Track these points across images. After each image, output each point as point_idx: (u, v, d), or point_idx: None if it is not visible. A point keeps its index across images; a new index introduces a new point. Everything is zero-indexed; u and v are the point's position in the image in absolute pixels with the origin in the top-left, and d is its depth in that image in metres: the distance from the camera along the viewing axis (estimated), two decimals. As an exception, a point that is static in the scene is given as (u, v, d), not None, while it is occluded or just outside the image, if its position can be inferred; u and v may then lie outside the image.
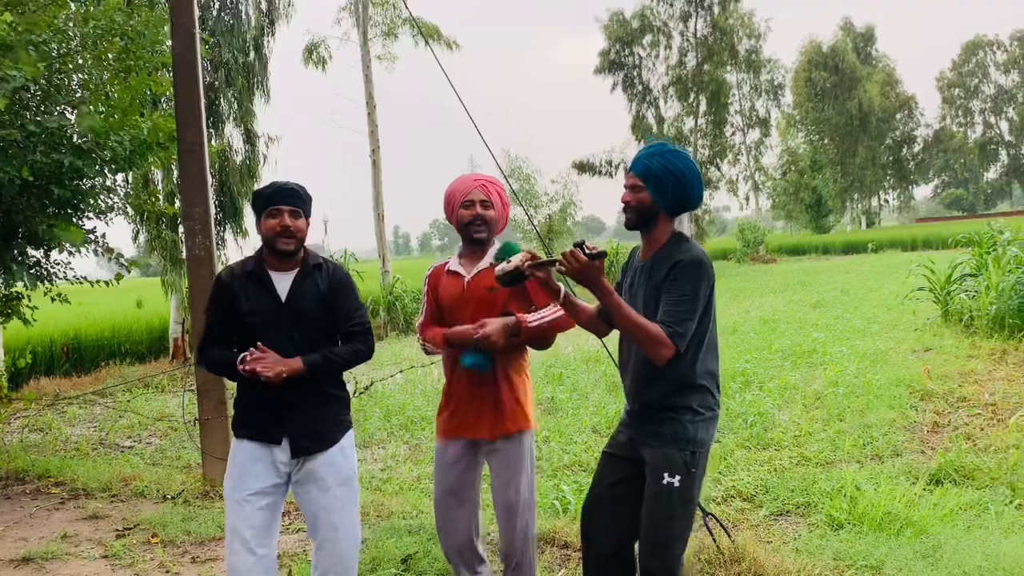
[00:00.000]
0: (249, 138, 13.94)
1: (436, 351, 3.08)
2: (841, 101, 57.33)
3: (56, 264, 6.39)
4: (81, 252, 6.35)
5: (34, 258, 6.21)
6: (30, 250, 6.13)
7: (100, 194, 6.22)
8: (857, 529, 4.00)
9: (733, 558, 3.55)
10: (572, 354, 10.60)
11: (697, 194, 2.61)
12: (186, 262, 5.69)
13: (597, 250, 2.41)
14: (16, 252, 5.94)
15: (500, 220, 3.15)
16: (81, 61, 6.02)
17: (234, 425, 2.92)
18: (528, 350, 3.17)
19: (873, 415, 6.26)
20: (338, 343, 2.94)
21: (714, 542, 3.62)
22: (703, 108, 35.99)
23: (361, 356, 2.93)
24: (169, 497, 5.26)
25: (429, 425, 6.94)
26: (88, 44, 5.94)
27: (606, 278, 2.45)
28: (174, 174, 11.48)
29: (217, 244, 5.77)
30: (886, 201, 69.74)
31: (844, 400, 6.84)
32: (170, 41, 5.67)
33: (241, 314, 2.82)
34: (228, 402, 5.40)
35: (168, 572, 4.05)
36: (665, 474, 2.51)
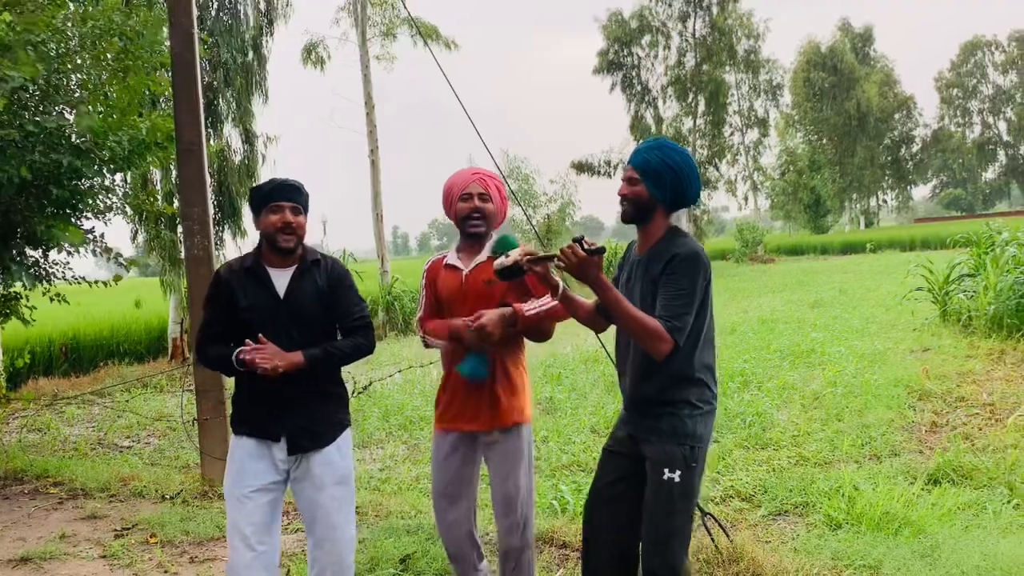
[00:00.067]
0: (248, 138, 13.93)
1: (437, 343, 3.07)
2: (839, 101, 57.36)
3: (55, 264, 6.38)
4: (80, 252, 6.34)
5: (32, 258, 6.21)
6: (28, 250, 6.12)
7: (99, 194, 6.22)
8: (855, 529, 4.00)
9: (731, 558, 3.56)
10: (571, 354, 10.60)
11: (694, 189, 2.62)
12: (185, 262, 5.69)
13: (596, 246, 2.41)
14: (15, 252, 5.94)
15: (498, 214, 3.14)
16: (80, 61, 6.02)
17: (233, 422, 2.91)
18: (525, 345, 3.16)
19: (871, 415, 6.27)
20: (338, 338, 2.93)
21: (712, 542, 3.62)
22: (702, 108, 36.03)
23: (363, 350, 2.92)
24: (168, 497, 5.26)
25: (428, 425, 6.94)
26: (87, 44, 5.94)
27: (604, 274, 2.45)
28: (173, 174, 11.47)
29: (216, 244, 5.78)
30: (884, 201, 69.78)
31: (842, 400, 6.85)
32: (168, 41, 5.67)
33: (239, 311, 2.81)
34: (227, 402, 5.40)
35: (167, 572, 4.05)
36: (665, 470, 2.51)
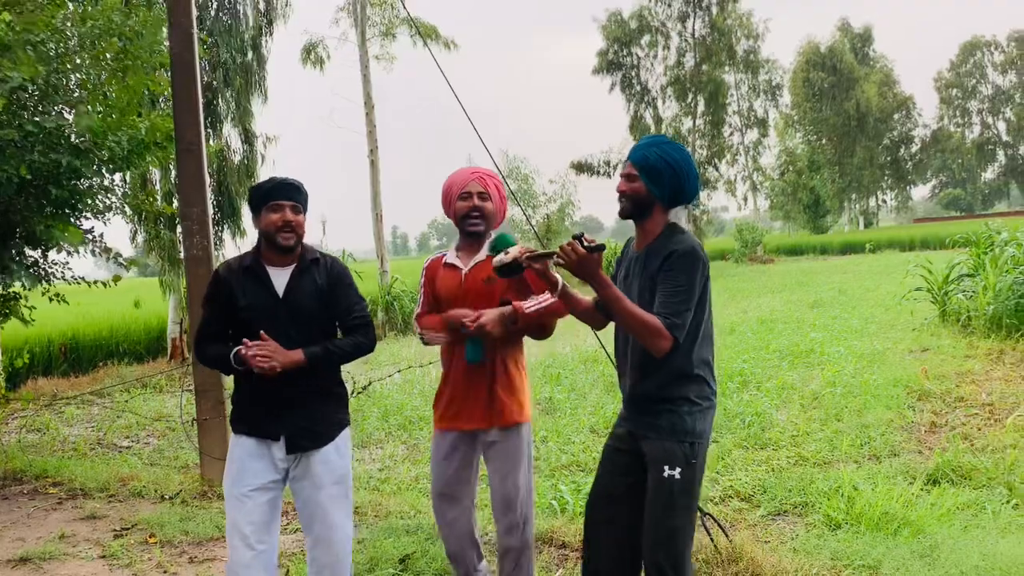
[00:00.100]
0: (247, 138, 13.93)
1: (435, 339, 3.07)
2: (839, 101, 57.39)
3: (54, 264, 6.38)
4: (79, 252, 6.34)
5: (32, 258, 6.21)
6: (28, 250, 6.12)
7: (98, 194, 6.21)
8: (854, 529, 4.00)
9: (731, 558, 3.56)
10: (570, 354, 10.60)
11: (692, 187, 2.62)
12: (184, 262, 5.69)
13: (596, 243, 2.41)
14: (14, 252, 5.94)
15: (497, 213, 3.14)
16: (79, 61, 6.01)
17: (232, 421, 2.91)
18: (525, 343, 3.17)
19: (870, 415, 6.27)
20: (337, 337, 2.93)
21: (712, 542, 3.62)
22: (701, 108, 36.04)
23: (363, 349, 2.92)
24: (167, 497, 5.26)
25: (427, 425, 6.94)
26: (86, 44, 5.94)
27: (604, 272, 2.46)
28: (172, 174, 11.47)
29: (215, 244, 5.78)
30: (884, 201, 69.86)
31: (842, 400, 6.85)
32: (168, 41, 5.66)
33: (238, 309, 2.81)
34: (226, 402, 5.40)
35: (166, 572, 4.04)
36: (665, 467, 2.51)
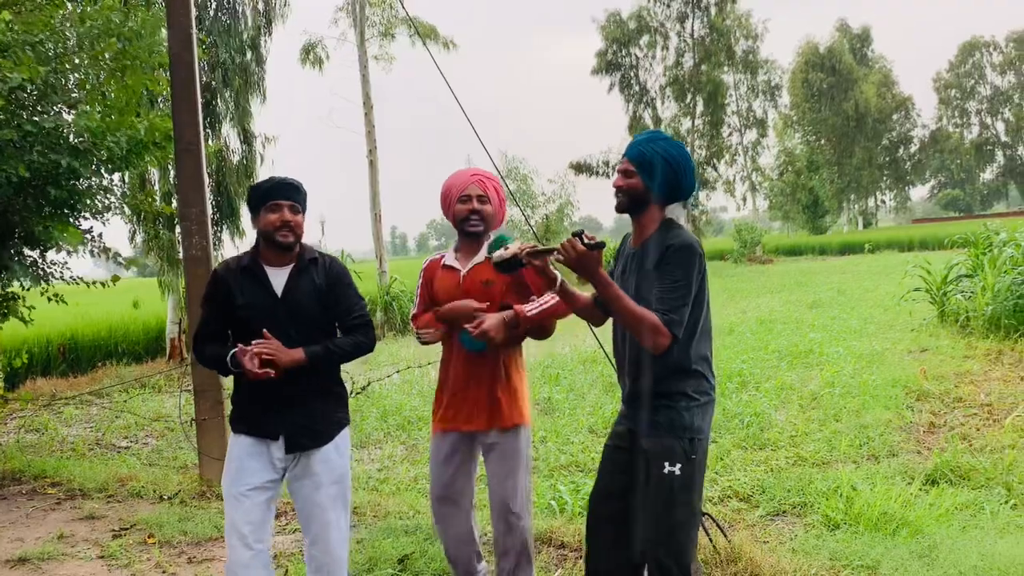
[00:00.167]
0: (246, 138, 13.92)
1: (432, 338, 3.08)
2: (838, 102, 57.45)
3: (53, 264, 6.38)
4: (78, 252, 6.34)
5: (30, 258, 6.20)
6: (27, 250, 6.12)
7: (97, 194, 6.21)
8: (853, 529, 4.01)
9: (729, 558, 3.56)
10: (569, 354, 10.60)
11: (688, 183, 2.62)
12: (183, 262, 5.68)
13: (596, 240, 2.41)
14: (13, 252, 5.93)
15: (496, 215, 3.15)
16: (78, 61, 6.00)
17: (232, 420, 2.92)
18: (524, 346, 3.17)
19: (869, 415, 6.27)
20: (336, 336, 2.94)
21: (710, 542, 3.62)
22: (700, 109, 36.08)
23: (363, 348, 2.93)
24: (166, 497, 5.26)
25: (426, 425, 6.94)
26: (85, 44, 5.93)
27: (604, 269, 2.46)
28: (171, 174, 11.45)
29: (214, 244, 5.78)
30: (883, 202, 69.94)
31: (840, 400, 6.85)
32: (167, 41, 5.66)
33: (236, 309, 2.82)
34: (225, 402, 5.40)
35: (165, 572, 4.04)
36: (665, 463, 2.51)
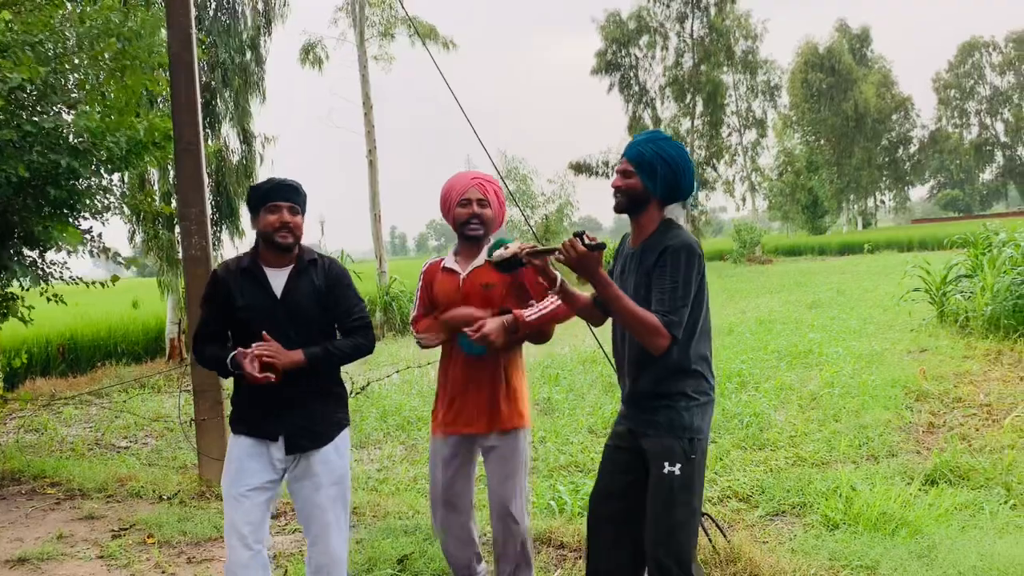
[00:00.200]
0: (246, 138, 13.92)
1: (432, 342, 3.08)
2: (837, 102, 57.44)
3: (52, 264, 6.38)
4: (77, 252, 6.34)
5: (30, 258, 6.20)
6: (26, 250, 6.11)
7: (96, 194, 6.21)
8: (852, 529, 4.01)
9: (729, 558, 3.56)
10: (568, 355, 10.60)
11: (687, 183, 2.63)
12: (182, 262, 5.69)
13: (597, 241, 2.41)
14: (12, 252, 5.93)
15: (496, 219, 3.16)
16: (77, 61, 6.00)
17: (232, 421, 2.92)
18: (524, 348, 3.17)
19: (869, 416, 6.27)
20: (336, 338, 2.94)
21: (710, 542, 3.62)
22: (699, 109, 36.10)
23: (363, 350, 2.93)
24: (165, 498, 5.25)
25: (425, 425, 6.93)
26: (84, 44, 5.93)
27: (604, 270, 2.46)
28: (170, 174, 11.45)
29: (213, 244, 5.78)
30: (882, 202, 69.94)
31: (840, 401, 6.85)
32: (167, 41, 5.66)
33: (236, 310, 2.82)
34: (224, 402, 5.40)
35: (164, 572, 4.04)
36: (665, 463, 2.51)
